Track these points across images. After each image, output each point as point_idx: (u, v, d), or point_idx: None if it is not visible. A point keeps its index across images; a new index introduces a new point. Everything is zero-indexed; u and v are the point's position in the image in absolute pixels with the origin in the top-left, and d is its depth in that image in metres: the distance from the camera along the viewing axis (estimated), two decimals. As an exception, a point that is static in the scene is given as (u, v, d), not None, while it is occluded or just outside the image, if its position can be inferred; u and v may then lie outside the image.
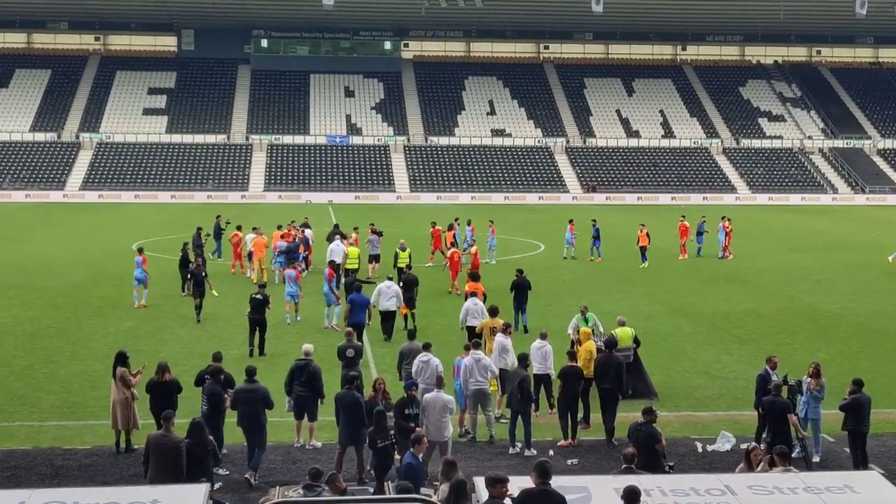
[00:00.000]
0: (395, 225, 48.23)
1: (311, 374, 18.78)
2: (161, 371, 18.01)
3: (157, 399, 17.59)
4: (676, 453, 17.93)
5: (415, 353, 20.10)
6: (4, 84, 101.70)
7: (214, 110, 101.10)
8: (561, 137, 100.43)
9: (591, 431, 19.97)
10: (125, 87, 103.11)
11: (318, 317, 30.92)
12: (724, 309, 34.02)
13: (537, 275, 40.39)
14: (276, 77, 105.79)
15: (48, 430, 19.79)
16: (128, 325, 30.25)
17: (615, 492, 11.38)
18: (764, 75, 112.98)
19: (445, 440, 17.10)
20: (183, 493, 12.35)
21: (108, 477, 16.99)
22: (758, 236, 57.62)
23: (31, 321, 30.75)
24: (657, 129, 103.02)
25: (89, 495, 11.73)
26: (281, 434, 19.04)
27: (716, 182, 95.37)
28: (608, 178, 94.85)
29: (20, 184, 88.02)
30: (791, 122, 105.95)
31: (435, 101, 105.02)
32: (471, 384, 19.46)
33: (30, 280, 38.95)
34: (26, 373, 24.38)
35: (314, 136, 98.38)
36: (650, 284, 39.37)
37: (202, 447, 14.90)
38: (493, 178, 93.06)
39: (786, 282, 40.46)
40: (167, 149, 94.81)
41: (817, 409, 18.39)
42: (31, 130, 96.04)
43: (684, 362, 26.20)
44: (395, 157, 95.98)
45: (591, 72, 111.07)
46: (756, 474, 13.88)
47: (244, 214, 66.56)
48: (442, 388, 17.57)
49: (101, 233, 57.61)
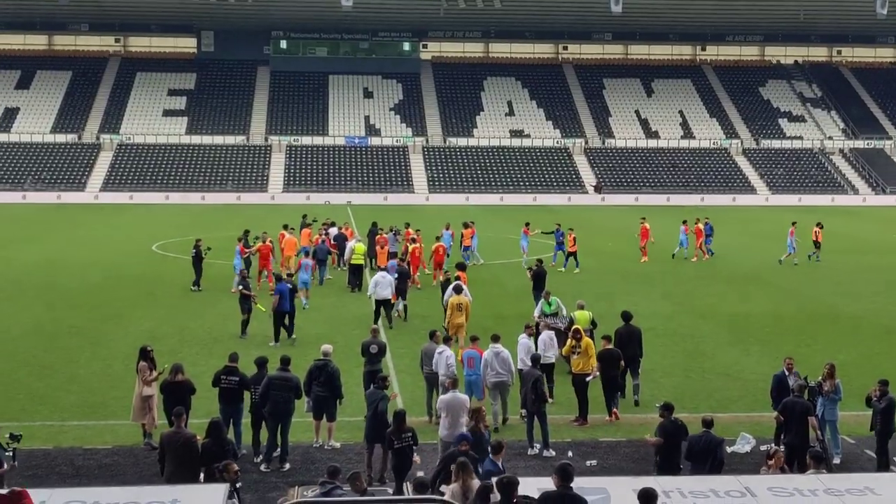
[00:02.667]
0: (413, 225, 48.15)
1: (330, 375, 18.84)
2: (174, 371, 18.12)
3: (170, 399, 17.71)
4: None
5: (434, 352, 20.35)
6: (26, 86, 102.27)
7: (234, 111, 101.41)
8: (580, 138, 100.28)
9: (609, 432, 19.97)
10: (145, 89, 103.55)
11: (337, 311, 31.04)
12: (743, 310, 33.89)
13: (555, 276, 40.37)
14: (295, 78, 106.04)
15: (69, 429, 19.88)
16: (148, 325, 30.36)
17: (634, 493, 11.36)
18: (784, 75, 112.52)
19: (461, 441, 17.10)
20: (202, 492, 12.41)
21: (129, 477, 17.07)
22: (778, 237, 57.32)
23: (51, 321, 30.91)
24: (676, 130, 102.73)
25: (110, 495, 11.81)
26: (300, 434, 19.08)
27: (735, 183, 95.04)
28: (627, 178, 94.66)
29: (41, 185, 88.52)
30: (811, 122, 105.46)
31: (453, 102, 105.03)
32: (490, 376, 19.91)
33: (50, 280, 39.16)
34: (47, 373, 24.50)
35: (333, 137, 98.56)
36: (669, 285, 39.25)
37: (221, 446, 14.98)
38: (512, 179, 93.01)
39: (806, 283, 40.28)
40: (187, 150, 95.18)
41: (834, 410, 18.30)
42: (51, 132, 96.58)
43: (703, 363, 26.11)
44: (414, 158, 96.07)
45: (610, 72, 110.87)
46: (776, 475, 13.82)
47: (263, 215, 66.78)
48: (456, 389, 17.58)
49: (122, 234, 57.86)
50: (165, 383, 18.20)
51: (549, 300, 26.32)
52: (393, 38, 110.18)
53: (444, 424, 17.00)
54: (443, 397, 17.38)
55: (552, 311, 25.90)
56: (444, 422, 17.00)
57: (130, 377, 20.25)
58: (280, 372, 18.16)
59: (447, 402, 17.09)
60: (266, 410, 17.92)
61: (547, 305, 26.07)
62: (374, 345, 20.95)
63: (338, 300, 35.10)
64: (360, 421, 20.14)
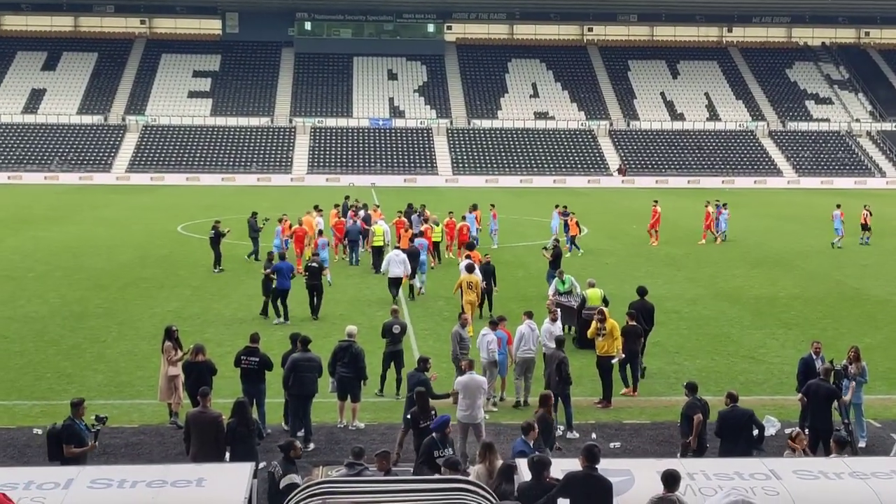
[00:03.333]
0: (436, 207, 48.22)
1: (354, 356, 18.92)
2: (195, 352, 18.24)
3: (190, 379, 17.88)
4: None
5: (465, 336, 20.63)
6: (52, 67, 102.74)
7: (258, 93, 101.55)
8: (604, 120, 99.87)
9: (633, 414, 19.99)
10: (170, 70, 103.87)
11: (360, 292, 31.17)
12: (769, 293, 33.74)
13: (581, 258, 40.36)
14: (320, 60, 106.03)
15: (95, 408, 20.01)
16: (174, 305, 30.54)
17: (658, 475, 11.35)
18: (811, 57, 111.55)
19: (479, 422, 17.10)
20: (228, 471, 12.50)
21: (155, 455, 17.21)
22: (804, 220, 57.06)
23: (78, 301, 31.13)
24: (702, 112, 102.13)
25: (136, 473, 11.89)
26: (324, 415, 19.17)
27: (762, 165, 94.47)
28: (652, 161, 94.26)
29: (68, 166, 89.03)
30: (838, 104, 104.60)
31: (478, 84, 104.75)
32: (522, 351, 20.36)
33: (77, 261, 39.42)
34: (74, 352, 24.70)
35: (357, 118, 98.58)
36: (694, 268, 39.12)
37: (246, 426, 15.08)
38: (536, 161, 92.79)
39: (832, 266, 40.04)
40: (212, 131, 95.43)
41: (859, 393, 18.22)
42: (78, 113, 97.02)
43: (728, 346, 26.04)
44: (438, 140, 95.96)
45: (636, 54, 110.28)
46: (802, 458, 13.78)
47: (288, 197, 66.97)
48: (473, 370, 17.57)
49: (148, 215, 58.13)
50: (186, 364, 18.36)
51: (563, 278, 27.31)
52: (417, 19, 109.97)
53: (461, 406, 17.01)
54: (460, 378, 17.38)
55: (566, 290, 26.86)
56: (462, 403, 17.00)
57: (156, 357, 20.43)
58: (303, 353, 18.31)
59: (464, 384, 17.07)
60: (291, 391, 18.05)
61: (561, 283, 27.03)
62: (396, 325, 21.14)
63: (361, 281, 35.20)
64: (383, 402, 20.27)
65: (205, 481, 11.52)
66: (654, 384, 22.17)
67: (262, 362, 18.39)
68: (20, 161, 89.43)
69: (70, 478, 11.56)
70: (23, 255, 41.07)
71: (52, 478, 11.59)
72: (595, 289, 25.39)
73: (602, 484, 11.23)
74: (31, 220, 53.72)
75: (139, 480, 11.49)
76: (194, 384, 17.17)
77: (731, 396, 15.87)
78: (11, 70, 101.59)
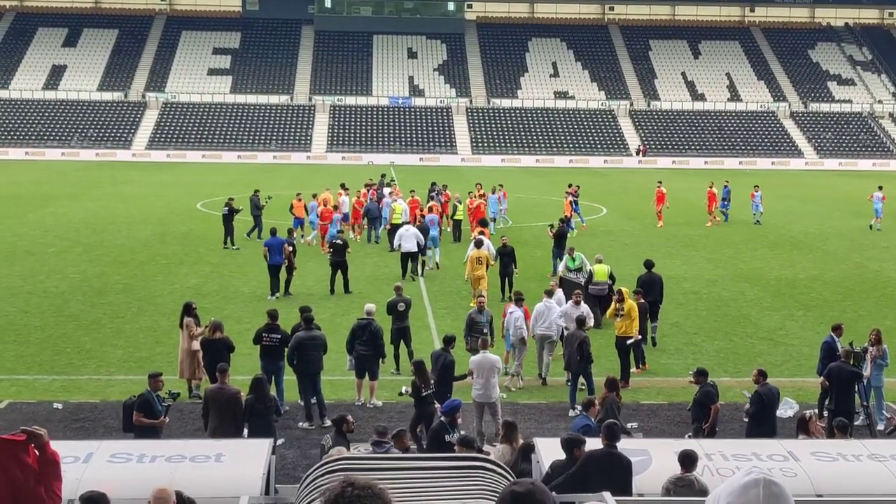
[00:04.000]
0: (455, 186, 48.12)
1: (373, 334, 18.98)
2: (213, 329, 18.34)
3: (207, 356, 17.99)
4: (738, 418, 17.79)
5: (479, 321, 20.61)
6: (73, 44, 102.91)
7: (278, 71, 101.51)
8: (625, 100, 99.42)
9: (650, 395, 20.04)
10: (190, 48, 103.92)
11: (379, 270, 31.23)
12: (789, 275, 33.60)
13: (599, 238, 40.29)
14: (340, 38, 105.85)
15: (115, 383, 20.18)
16: (193, 282, 30.66)
17: (676, 455, 11.35)
18: (834, 38, 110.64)
19: (493, 401, 17.13)
20: (247, 447, 12.55)
21: (174, 431, 17.27)
22: (825, 202, 56.77)
23: (98, 277, 31.29)
24: (723, 93, 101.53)
25: (156, 447, 11.96)
26: (342, 392, 19.25)
27: (783, 147, 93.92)
28: (672, 141, 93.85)
29: (88, 142, 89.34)
30: (861, 85, 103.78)
31: (498, 63, 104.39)
32: (540, 328, 20.67)
33: (97, 237, 39.60)
34: (94, 327, 24.84)
35: (377, 97, 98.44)
36: (713, 249, 38.98)
37: (264, 403, 15.15)
38: (556, 141, 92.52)
39: (853, 248, 39.83)
40: (231, 109, 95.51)
41: (879, 376, 18.17)
42: (98, 90, 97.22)
43: (747, 328, 25.97)
44: (458, 119, 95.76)
45: (657, 33, 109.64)
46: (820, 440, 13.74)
47: (307, 175, 67.02)
48: (488, 349, 17.58)
49: (167, 192, 58.30)
50: (204, 340, 18.46)
51: (574, 255, 27.68)
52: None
53: (475, 385, 17.04)
54: (473, 358, 17.42)
55: (576, 267, 27.19)
56: (476, 382, 17.03)
57: (175, 333, 20.52)
58: (307, 331, 18.33)
59: (478, 363, 17.10)
60: (297, 369, 18.13)
61: (571, 261, 27.46)
62: (401, 302, 21.32)
63: (379, 259, 35.24)
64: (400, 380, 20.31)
65: (223, 457, 11.57)
66: (672, 365, 22.16)
67: (284, 339, 18.46)
68: (40, 137, 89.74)
69: (90, 452, 11.63)
70: (43, 230, 41.29)
71: (72, 452, 11.65)
72: (602, 264, 25.75)
73: (622, 462, 11.25)
74: (51, 196, 53.95)
75: (158, 455, 11.55)
76: (212, 361, 17.28)
77: (761, 373, 15.91)
78: (32, 46, 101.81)
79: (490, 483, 8.41)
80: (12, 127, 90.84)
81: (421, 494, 8.09)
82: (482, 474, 8.41)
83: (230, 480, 11.05)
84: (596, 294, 24.91)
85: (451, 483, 8.37)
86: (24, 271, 32.05)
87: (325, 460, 11.08)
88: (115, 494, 9.69)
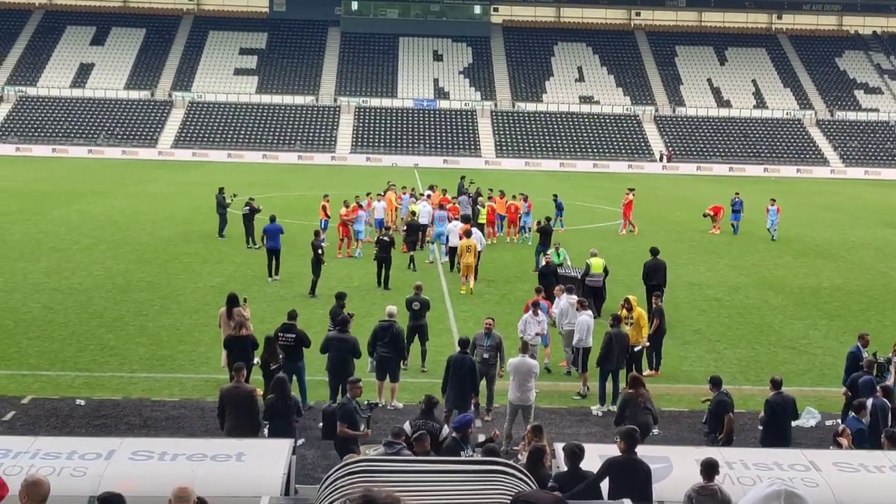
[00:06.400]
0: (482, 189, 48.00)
1: (395, 336, 18.98)
2: (238, 326, 18.35)
3: (232, 353, 17.99)
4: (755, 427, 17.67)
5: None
6: (101, 42, 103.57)
7: (304, 72, 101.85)
8: (650, 106, 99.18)
9: (671, 402, 19.94)
10: (217, 47, 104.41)
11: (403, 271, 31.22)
12: (812, 283, 33.41)
13: (620, 245, 40.18)
14: (366, 40, 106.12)
15: (137, 381, 20.26)
16: (216, 280, 30.76)
17: (696, 463, 11.30)
18: (862, 46, 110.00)
19: (529, 405, 17.17)
20: (267, 447, 12.59)
21: (195, 429, 17.36)
22: (850, 211, 56.43)
23: (122, 275, 31.44)
24: (749, 100, 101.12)
25: (177, 446, 12.00)
26: (363, 394, 19.21)
27: (808, 155, 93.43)
28: (696, 147, 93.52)
29: (114, 140, 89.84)
30: (888, 94, 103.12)
31: (523, 67, 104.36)
32: (565, 325, 21.44)
33: (122, 235, 39.80)
34: (117, 325, 24.95)
35: (402, 99, 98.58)
36: (737, 256, 38.81)
37: (285, 403, 15.13)
38: (580, 146, 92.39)
39: (878, 257, 39.58)
40: (257, 109, 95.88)
41: (904, 386, 18.01)
42: (125, 88, 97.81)
43: (770, 336, 25.83)
44: (482, 122, 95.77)
45: (683, 39, 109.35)
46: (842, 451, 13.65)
47: (330, 176, 67.13)
48: (527, 353, 17.60)
49: (192, 191, 58.48)
50: (229, 338, 18.47)
51: (559, 251, 29.80)
52: (464, 1, 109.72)
53: (512, 387, 17.12)
54: (511, 361, 17.44)
55: (559, 262, 28.64)
56: (513, 384, 17.11)
57: (198, 331, 20.63)
58: (338, 333, 18.36)
59: (515, 366, 17.14)
60: (326, 368, 18.19)
61: (556, 256, 29.10)
62: (416, 302, 21.55)
63: (403, 261, 35.19)
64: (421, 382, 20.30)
65: (244, 456, 11.62)
66: (694, 372, 22.06)
67: (299, 339, 18.44)
68: (67, 135, 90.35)
69: (112, 449, 11.69)
70: (69, 227, 41.54)
71: (94, 448, 11.73)
72: (597, 258, 26.80)
73: (642, 468, 11.22)
74: (77, 194, 54.28)
75: (180, 453, 11.60)
76: (237, 358, 17.30)
77: (774, 383, 15.78)
78: (60, 44, 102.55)
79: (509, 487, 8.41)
80: (39, 124, 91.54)
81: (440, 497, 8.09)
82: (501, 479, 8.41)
83: (251, 480, 11.09)
84: (592, 286, 26.28)
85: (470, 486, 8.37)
86: (49, 268, 32.24)
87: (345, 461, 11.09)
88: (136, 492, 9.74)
